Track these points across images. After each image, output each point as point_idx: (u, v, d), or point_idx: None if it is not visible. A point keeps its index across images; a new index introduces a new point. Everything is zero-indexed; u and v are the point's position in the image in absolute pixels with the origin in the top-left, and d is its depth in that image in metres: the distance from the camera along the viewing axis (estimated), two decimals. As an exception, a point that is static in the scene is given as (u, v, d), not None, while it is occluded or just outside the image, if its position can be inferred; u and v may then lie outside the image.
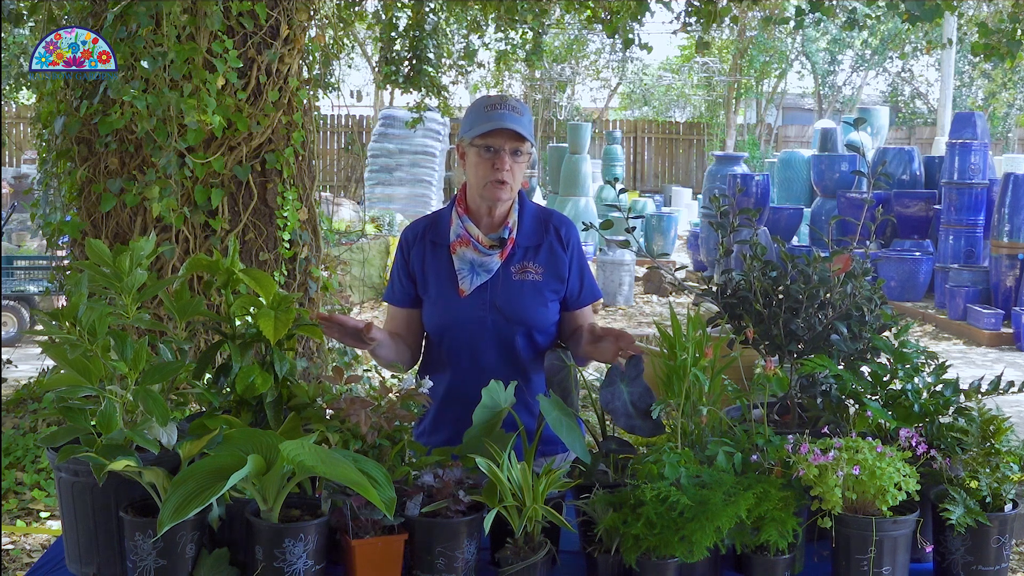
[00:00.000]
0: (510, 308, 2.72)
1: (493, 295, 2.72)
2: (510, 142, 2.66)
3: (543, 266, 2.76)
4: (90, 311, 2.01)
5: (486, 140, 2.67)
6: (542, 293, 2.75)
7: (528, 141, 2.68)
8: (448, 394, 2.73)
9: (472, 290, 2.72)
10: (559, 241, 2.80)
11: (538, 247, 2.78)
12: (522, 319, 2.73)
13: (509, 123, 2.64)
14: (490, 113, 2.68)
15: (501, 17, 7.98)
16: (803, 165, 14.67)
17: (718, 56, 26.46)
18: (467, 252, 2.73)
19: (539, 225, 2.80)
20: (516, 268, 2.74)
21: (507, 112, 2.67)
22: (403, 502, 2.00)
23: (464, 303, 2.72)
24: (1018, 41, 6.24)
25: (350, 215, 13.80)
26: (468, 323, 2.72)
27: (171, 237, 4.88)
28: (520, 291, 2.73)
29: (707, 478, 2.05)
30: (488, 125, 2.65)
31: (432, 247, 2.79)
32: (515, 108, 2.70)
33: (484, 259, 2.72)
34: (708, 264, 13.61)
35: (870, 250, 2.59)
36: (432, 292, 2.77)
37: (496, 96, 2.77)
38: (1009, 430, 2.21)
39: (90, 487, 2.00)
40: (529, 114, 2.74)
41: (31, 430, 5.63)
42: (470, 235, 2.73)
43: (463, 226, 2.75)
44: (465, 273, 2.72)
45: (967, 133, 11.77)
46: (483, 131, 2.66)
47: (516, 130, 2.64)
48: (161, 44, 4.52)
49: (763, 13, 8.96)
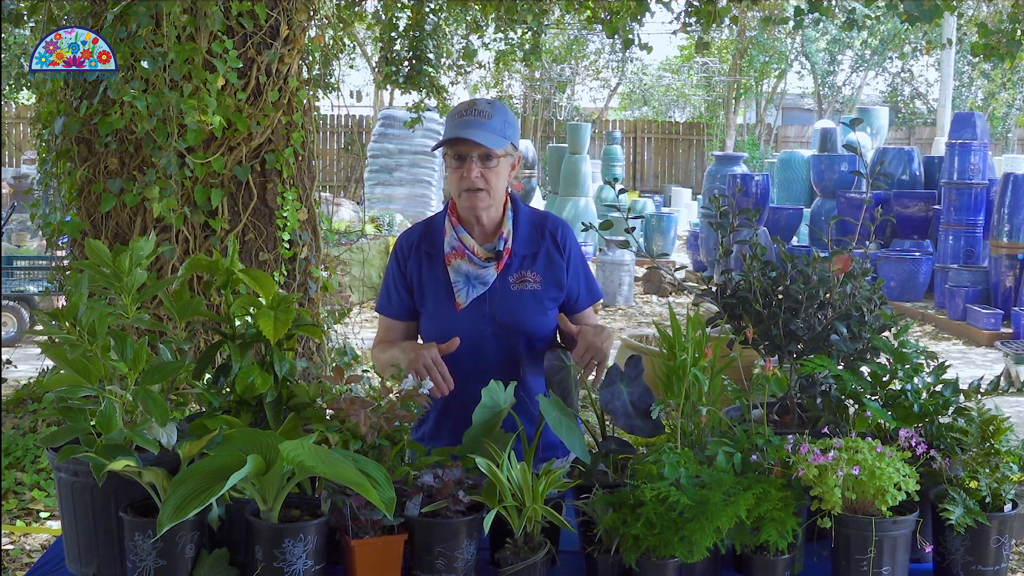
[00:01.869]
0: (510, 319, 2.69)
1: (492, 307, 2.69)
2: (477, 148, 2.61)
3: (541, 274, 2.73)
4: (90, 311, 2.01)
5: (453, 148, 2.64)
6: (541, 302, 2.72)
7: (495, 148, 2.61)
8: (449, 402, 2.70)
9: (468, 303, 2.69)
10: (556, 247, 2.76)
11: (535, 255, 2.74)
12: (523, 329, 2.70)
13: (470, 133, 2.58)
14: (455, 121, 2.63)
15: (501, 17, 7.98)
16: (803, 165, 14.67)
17: (718, 56, 26.47)
18: (462, 264, 2.69)
19: (535, 231, 2.76)
20: (514, 278, 2.70)
21: (472, 119, 2.61)
22: (403, 502, 2.00)
23: (461, 316, 2.69)
24: (1018, 41, 6.24)
25: (350, 215, 13.79)
26: (467, 336, 2.67)
27: (171, 237, 4.88)
28: (519, 301, 2.70)
29: (707, 478, 2.05)
30: (450, 134, 2.62)
31: (428, 258, 2.75)
32: (482, 112, 2.63)
33: (480, 271, 2.68)
34: (708, 264, 13.61)
35: (869, 250, 2.59)
36: (429, 305, 2.73)
37: (466, 102, 2.68)
38: (1009, 430, 2.21)
39: (90, 487, 2.00)
40: (503, 115, 2.66)
41: (31, 430, 5.63)
42: (465, 246, 2.69)
43: (457, 237, 2.71)
44: (461, 286, 2.69)
45: (967, 133, 11.77)
46: (447, 140, 2.63)
47: (475, 139, 2.58)
48: (161, 44, 4.52)
49: (763, 13, 8.95)
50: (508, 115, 2.69)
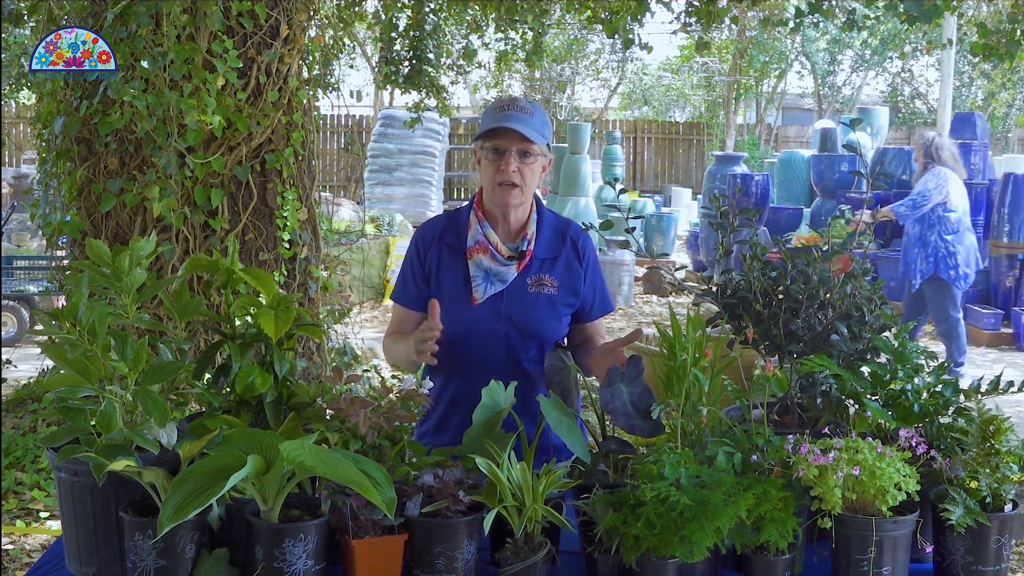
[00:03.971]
0: (524, 321, 2.69)
1: (508, 307, 2.70)
2: (517, 143, 2.63)
3: (559, 279, 2.73)
4: (90, 311, 2.01)
5: (492, 142, 2.65)
6: (556, 307, 2.73)
7: (535, 143, 2.63)
8: (455, 399, 2.70)
9: (485, 299, 2.69)
10: (576, 254, 2.77)
11: (555, 259, 2.75)
12: (536, 332, 2.70)
13: (513, 123, 2.60)
14: (497, 115, 2.65)
15: (501, 17, 7.98)
16: (803, 165, 14.65)
17: (718, 56, 26.45)
18: (484, 259, 2.70)
19: (557, 237, 2.77)
20: (532, 280, 2.71)
21: (515, 113, 2.63)
22: (403, 502, 2.00)
23: (477, 312, 2.69)
24: (1017, 42, 6.24)
25: (350, 215, 13.78)
26: (480, 332, 2.68)
27: (171, 237, 4.88)
28: (535, 304, 2.70)
29: (707, 478, 2.05)
30: (492, 125, 2.63)
31: (449, 251, 2.75)
32: (524, 109, 2.65)
33: (501, 269, 2.69)
34: (708, 264, 13.60)
35: (870, 250, 2.58)
36: (445, 298, 2.72)
37: (508, 98, 2.74)
38: (1009, 430, 2.20)
39: (90, 487, 1.99)
40: (542, 116, 2.69)
41: (31, 430, 5.63)
42: (489, 242, 2.70)
43: (482, 232, 2.71)
44: (479, 281, 2.69)
45: (967, 133, 11.76)
46: (488, 131, 2.64)
47: (518, 130, 2.60)
48: (161, 44, 4.52)
49: (763, 14, 8.95)
50: (546, 117, 2.73)
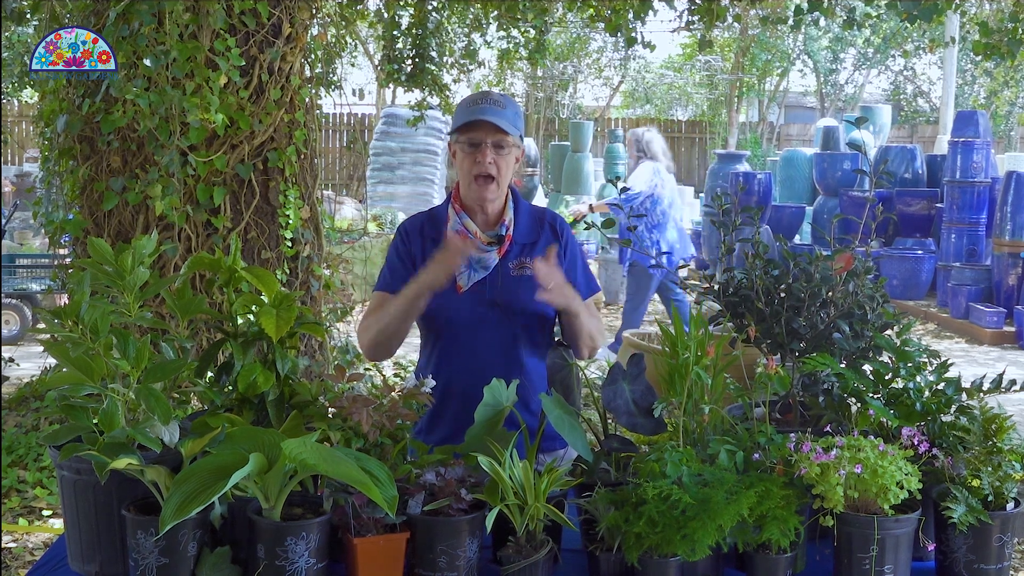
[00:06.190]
0: (509, 301, 2.72)
1: (492, 292, 2.73)
2: (491, 135, 2.67)
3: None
4: (92, 309, 2.01)
5: (468, 135, 2.69)
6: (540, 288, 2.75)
7: (510, 134, 2.68)
8: (446, 391, 2.70)
9: (469, 286, 2.72)
10: (555, 235, 2.81)
11: (534, 244, 2.78)
12: (522, 309, 2.73)
13: (488, 116, 2.65)
14: (471, 108, 2.69)
15: (503, 15, 7.98)
16: (805, 163, 14.65)
17: (720, 54, 26.42)
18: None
19: (535, 222, 2.82)
20: (514, 264, 2.75)
21: (488, 106, 2.68)
22: (405, 500, 2.00)
23: (462, 299, 2.72)
24: (1019, 40, 6.23)
25: (352, 213, 13.78)
26: (466, 319, 2.72)
27: (173, 235, 4.88)
28: (519, 286, 2.73)
29: (709, 476, 2.05)
30: (467, 119, 2.67)
31: (431, 243, 2.78)
32: (497, 102, 2.70)
33: (482, 255, 2.72)
34: (710, 262, 13.60)
35: (872, 248, 2.59)
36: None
37: (479, 92, 2.78)
38: (1011, 428, 2.20)
39: (92, 485, 2.00)
40: (514, 108, 2.74)
41: (33, 428, 5.64)
42: (468, 231, 2.74)
43: (460, 222, 2.75)
44: (463, 269, 2.72)
45: (969, 131, 11.75)
46: (463, 125, 2.68)
47: (493, 122, 2.64)
48: (163, 42, 4.52)
49: (763, 12, 8.94)
50: (518, 109, 2.77)
